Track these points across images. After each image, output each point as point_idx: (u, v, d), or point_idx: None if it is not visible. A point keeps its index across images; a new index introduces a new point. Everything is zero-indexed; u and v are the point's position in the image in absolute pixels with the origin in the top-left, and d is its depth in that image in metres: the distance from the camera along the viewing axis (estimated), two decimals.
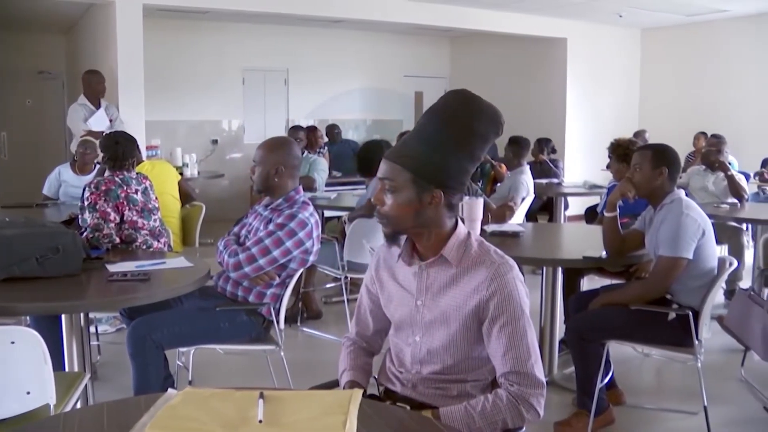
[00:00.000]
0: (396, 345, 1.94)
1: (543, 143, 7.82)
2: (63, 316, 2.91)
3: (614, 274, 4.16)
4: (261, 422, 1.43)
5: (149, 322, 2.93)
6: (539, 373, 1.72)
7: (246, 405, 1.50)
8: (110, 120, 6.31)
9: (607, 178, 5.95)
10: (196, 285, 2.90)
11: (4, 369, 2.09)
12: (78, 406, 2.52)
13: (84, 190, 3.63)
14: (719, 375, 3.91)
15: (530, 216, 6.52)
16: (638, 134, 8.32)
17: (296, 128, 7.24)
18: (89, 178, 4.74)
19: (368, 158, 4.79)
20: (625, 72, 10.19)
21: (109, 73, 6.58)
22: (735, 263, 3.16)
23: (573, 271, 4.15)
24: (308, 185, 5.77)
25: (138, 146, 4.01)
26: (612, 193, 3.33)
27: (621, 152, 4.30)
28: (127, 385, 2.98)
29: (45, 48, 9.74)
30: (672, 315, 3.05)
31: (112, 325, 4.60)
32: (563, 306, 3.91)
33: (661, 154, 3.19)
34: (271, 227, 3.03)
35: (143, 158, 5.56)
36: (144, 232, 3.62)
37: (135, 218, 3.59)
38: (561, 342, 3.90)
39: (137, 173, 3.80)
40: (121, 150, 3.67)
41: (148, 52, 6.92)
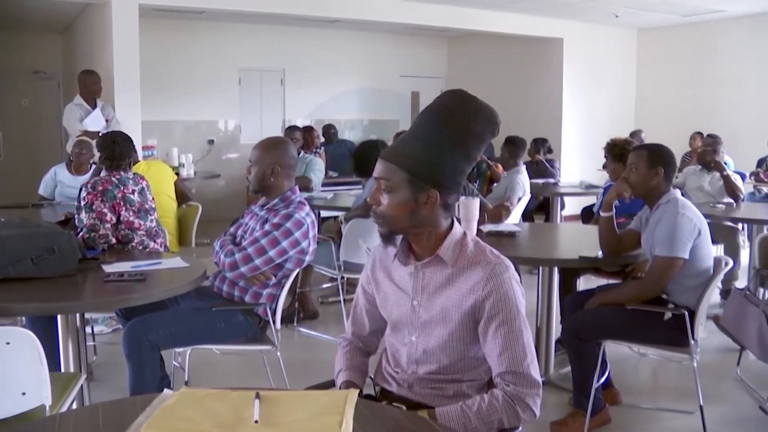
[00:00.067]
0: (392, 345, 1.94)
1: (539, 143, 7.83)
2: (59, 317, 2.90)
3: (610, 274, 4.17)
4: (257, 422, 1.43)
5: (145, 323, 2.93)
6: (535, 373, 1.72)
7: (242, 405, 1.50)
8: (106, 120, 6.30)
9: (603, 178, 5.97)
10: (193, 285, 2.90)
11: (0, 370, 2.08)
12: (74, 407, 2.51)
13: (80, 190, 3.62)
14: (715, 374, 3.93)
15: (526, 216, 6.52)
16: (634, 134, 8.35)
17: (293, 128, 7.22)
18: (85, 179, 4.73)
19: (365, 158, 4.79)
20: (622, 72, 10.20)
21: (105, 73, 6.56)
22: (731, 263, 3.16)
23: (569, 271, 4.16)
24: (305, 185, 5.77)
25: (134, 146, 4.00)
26: (608, 193, 3.33)
27: (617, 152, 4.31)
28: (123, 386, 2.97)
29: (41, 48, 9.73)
30: (668, 315, 3.06)
31: (108, 326, 4.59)
32: (559, 306, 3.92)
33: (657, 154, 3.19)
34: (268, 227, 3.02)
35: (139, 158, 5.56)
36: (141, 233, 3.61)
37: (132, 219, 3.58)
38: (557, 342, 3.90)
39: (134, 173, 3.80)
40: (118, 150, 3.67)
41: (144, 52, 6.92)
